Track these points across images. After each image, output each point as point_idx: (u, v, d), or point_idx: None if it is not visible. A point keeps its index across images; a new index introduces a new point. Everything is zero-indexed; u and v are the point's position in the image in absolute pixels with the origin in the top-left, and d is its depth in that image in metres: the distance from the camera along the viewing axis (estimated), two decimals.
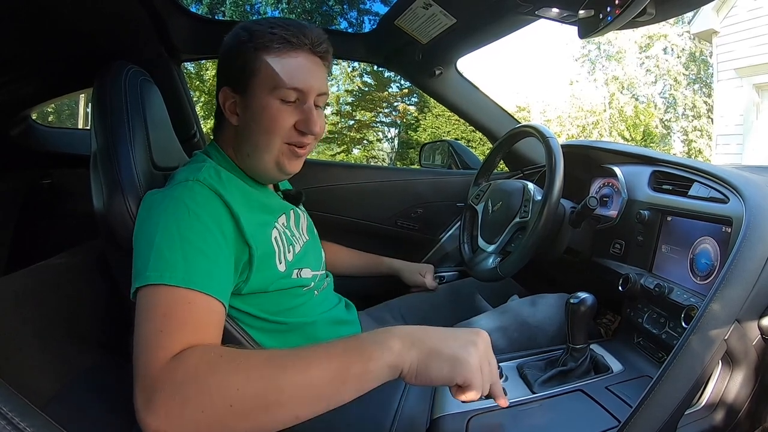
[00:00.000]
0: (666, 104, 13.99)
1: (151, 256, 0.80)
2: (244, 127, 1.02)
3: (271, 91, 0.98)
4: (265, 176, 1.09)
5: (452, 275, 1.98)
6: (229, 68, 1.02)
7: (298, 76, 0.99)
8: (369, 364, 0.72)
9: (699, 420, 0.92)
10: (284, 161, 1.04)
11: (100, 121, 1.02)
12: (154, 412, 0.66)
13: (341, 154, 13.94)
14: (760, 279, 0.90)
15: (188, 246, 0.83)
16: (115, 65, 1.10)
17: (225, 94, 1.03)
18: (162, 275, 0.78)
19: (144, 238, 0.85)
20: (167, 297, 0.77)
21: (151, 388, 0.68)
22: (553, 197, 1.29)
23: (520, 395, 0.99)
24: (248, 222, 0.95)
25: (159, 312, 0.76)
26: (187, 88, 1.97)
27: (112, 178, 0.96)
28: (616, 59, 14.20)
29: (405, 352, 0.74)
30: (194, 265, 0.81)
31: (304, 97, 1.01)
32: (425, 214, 2.13)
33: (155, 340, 0.73)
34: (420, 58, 1.88)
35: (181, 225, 0.85)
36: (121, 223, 0.94)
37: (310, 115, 1.01)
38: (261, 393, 0.68)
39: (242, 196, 0.99)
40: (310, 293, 1.14)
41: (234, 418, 0.66)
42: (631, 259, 1.32)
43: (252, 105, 1.00)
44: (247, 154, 1.04)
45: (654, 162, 1.39)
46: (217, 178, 0.96)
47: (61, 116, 8.12)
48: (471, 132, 12.36)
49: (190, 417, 0.66)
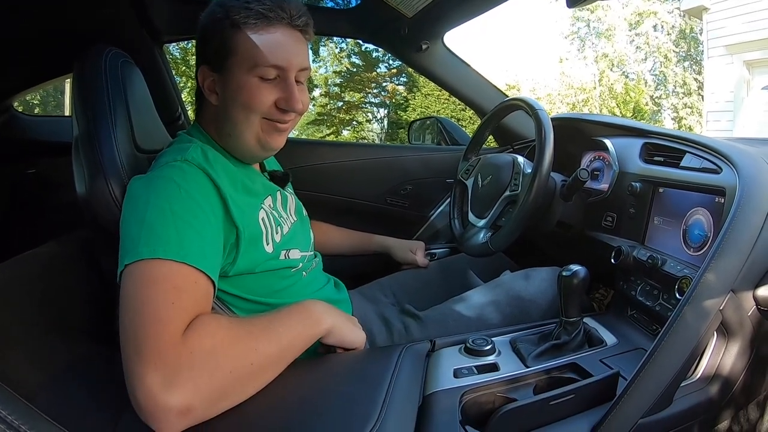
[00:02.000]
0: (656, 81, 13.99)
1: (142, 232, 0.79)
2: (223, 106, 1.00)
3: (249, 69, 0.95)
4: (248, 155, 1.07)
5: (443, 252, 1.97)
6: (206, 47, 0.99)
7: (277, 53, 0.95)
8: (318, 328, 0.92)
9: (695, 392, 0.91)
10: (266, 138, 1.02)
11: (81, 105, 0.99)
12: (179, 389, 0.66)
13: (331, 136, 13.85)
14: (755, 249, 0.89)
15: (180, 222, 0.81)
16: (95, 48, 1.06)
17: (203, 73, 1.00)
18: (155, 249, 0.77)
19: (133, 218, 0.83)
20: (170, 271, 0.76)
21: (172, 365, 0.68)
22: (543, 170, 1.28)
23: (514, 369, 0.97)
24: (235, 203, 0.93)
25: (168, 285, 0.75)
26: (170, 70, 1.94)
27: (93, 162, 0.94)
28: (606, 36, 14.15)
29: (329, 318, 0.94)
30: (187, 240, 0.80)
31: (284, 74, 0.98)
32: (415, 190, 2.11)
33: (166, 313, 0.72)
34: (406, 32, 1.85)
35: (172, 202, 0.83)
36: (104, 206, 0.92)
37: (291, 92, 0.98)
38: (251, 361, 0.77)
39: (228, 176, 0.97)
40: (298, 274, 1.12)
41: (233, 384, 0.74)
42: (623, 232, 1.31)
43: (230, 84, 0.97)
44: (228, 134, 1.02)
45: (645, 134, 1.37)
46: (204, 158, 0.94)
47: (47, 107, 8.01)
48: (461, 111, 12.31)
49: (208, 387, 0.70)
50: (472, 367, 0.98)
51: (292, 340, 0.85)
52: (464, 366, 0.98)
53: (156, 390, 0.66)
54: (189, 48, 11.02)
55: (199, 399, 0.68)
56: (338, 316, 0.97)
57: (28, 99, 6.87)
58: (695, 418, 0.91)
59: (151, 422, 0.66)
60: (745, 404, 1.02)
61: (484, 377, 0.94)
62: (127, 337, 0.71)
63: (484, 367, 0.99)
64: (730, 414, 0.99)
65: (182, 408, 0.66)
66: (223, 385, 0.72)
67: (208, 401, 0.70)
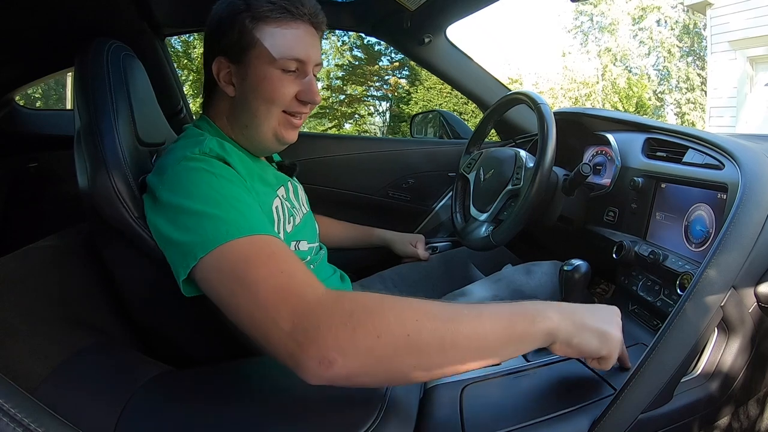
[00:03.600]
0: (659, 76, 13.92)
1: (205, 222, 0.78)
2: (241, 97, 1.00)
3: (272, 61, 0.96)
4: (262, 147, 1.07)
5: (445, 245, 1.97)
6: (224, 38, 0.98)
7: (298, 47, 0.97)
8: (533, 326, 0.75)
9: (695, 388, 0.91)
10: (282, 131, 1.02)
11: (83, 98, 0.98)
12: (318, 342, 0.64)
13: (333, 129, 13.81)
14: (757, 245, 0.89)
15: (234, 201, 0.81)
16: (96, 41, 1.06)
17: (220, 64, 0.99)
18: (229, 231, 0.76)
19: (182, 216, 0.81)
20: (255, 245, 0.76)
21: (308, 322, 0.66)
22: (545, 164, 1.28)
23: (514, 363, 0.98)
24: (254, 190, 0.93)
25: (261, 256, 0.74)
26: (171, 63, 1.94)
27: (95, 155, 0.93)
28: (609, 31, 14.07)
29: (561, 321, 0.77)
30: (249, 215, 0.81)
31: (304, 68, 0.99)
32: (417, 184, 2.11)
33: (283, 280, 0.71)
34: (409, 25, 1.84)
35: (216, 187, 0.83)
36: (106, 199, 0.91)
37: (311, 85, 1.00)
38: (439, 331, 0.68)
39: (245, 167, 0.96)
40: (307, 267, 1.11)
41: (409, 349, 0.66)
42: (624, 227, 1.31)
43: (251, 75, 0.97)
44: (245, 125, 1.02)
45: (647, 129, 1.37)
46: (222, 149, 0.93)
47: (48, 101, 8.01)
48: (463, 104, 12.29)
49: (363, 343, 0.65)
50: None
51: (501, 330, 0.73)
52: None
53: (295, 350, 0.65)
54: (191, 41, 11.00)
55: (345, 352, 0.64)
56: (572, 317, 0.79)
57: (30, 92, 6.86)
58: (695, 413, 0.91)
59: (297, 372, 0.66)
60: (745, 401, 1.01)
61: (484, 370, 0.94)
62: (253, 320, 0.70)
63: None
64: (730, 410, 0.98)
65: (326, 356, 0.64)
66: (394, 344, 0.66)
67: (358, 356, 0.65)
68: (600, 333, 0.80)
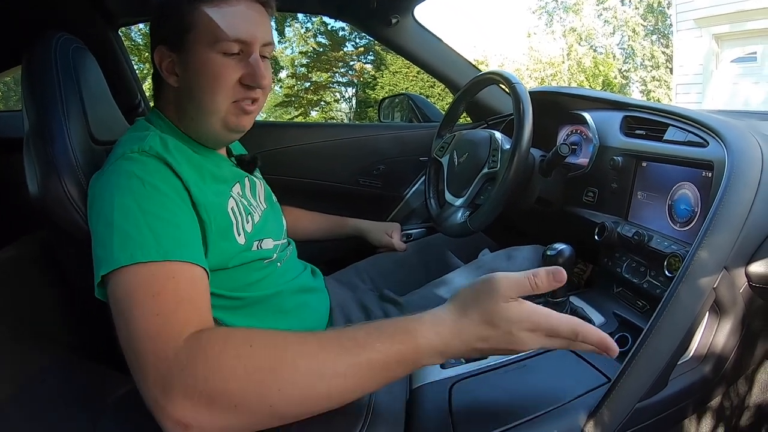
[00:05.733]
0: (624, 55, 14.14)
1: (114, 238, 0.73)
2: (185, 87, 0.93)
3: (211, 44, 0.89)
4: (213, 139, 1.00)
5: (419, 232, 1.95)
6: (163, 24, 0.93)
7: (240, 26, 0.90)
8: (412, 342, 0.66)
9: (689, 371, 0.89)
10: (232, 120, 0.95)
11: (31, 97, 0.92)
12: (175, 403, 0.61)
13: (299, 117, 13.70)
14: (747, 224, 0.87)
15: (152, 218, 0.76)
16: (44, 35, 0.99)
17: (161, 54, 0.93)
18: (133, 254, 0.71)
19: (101, 222, 0.77)
20: (148, 275, 0.71)
21: (166, 375, 0.63)
22: (522, 145, 1.24)
23: (503, 355, 0.94)
24: (201, 193, 0.87)
25: (147, 293, 0.69)
26: (127, 54, 1.86)
27: (45, 159, 0.87)
28: (574, 11, 14.22)
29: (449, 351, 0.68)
30: (164, 236, 0.75)
31: (248, 49, 0.92)
32: (387, 170, 2.06)
33: (155, 325, 0.66)
34: (375, 5, 1.78)
35: (139, 198, 0.77)
36: (59, 206, 0.86)
37: (256, 67, 0.92)
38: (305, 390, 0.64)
39: (192, 165, 0.90)
40: (273, 265, 1.05)
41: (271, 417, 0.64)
42: (605, 207, 1.28)
43: (191, 62, 0.91)
44: (191, 117, 0.95)
45: (625, 107, 1.34)
46: (164, 147, 0.87)
47: (9, 102, 7.72)
48: (429, 87, 12.28)
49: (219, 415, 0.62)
50: None
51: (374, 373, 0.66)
52: None
53: (161, 404, 0.62)
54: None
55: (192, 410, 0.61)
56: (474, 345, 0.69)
57: None
58: (690, 397, 0.90)
59: None
60: (735, 379, 1.01)
61: (472, 366, 0.91)
62: (126, 351, 0.68)
63: None
64: (721, 390, 0.98)
65: (180, 420, 0.61)
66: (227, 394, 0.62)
67: (206, 411, 0.62)
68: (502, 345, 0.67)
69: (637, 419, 0.81)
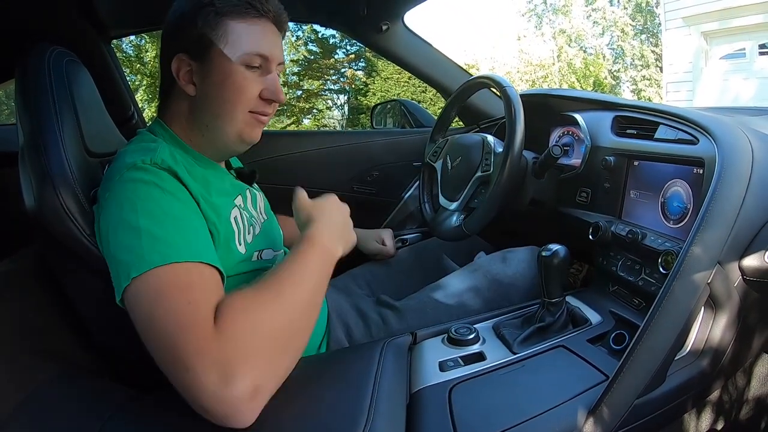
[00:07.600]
0: (614, 55, 14.16)
1: (143, 241, 0.74)
2: (203, 96, 0.94)
3: (236, 57, 0.91)
4: (224, 150, 1.02)
5: (415, 237, 1.94)
6: (185, 34, 0.92)
7: (263, 43, 0.93)
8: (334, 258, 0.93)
9: (686, 367, 0.90)
10: (247, 131, 0.97)
11: (25, 110, 0.92)
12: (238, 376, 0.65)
13: (292, 126, 13.67)
14: (739, 219, 0.88)
15: (178, 222, 0.78)
16: (36, 48, 0.98)
17: (180, 62, 0.93)
18: (167, 255, 0.73)
19: (123, 228, 0.77)
20: (182, 273, 0.73)
21: (221, 358, 0.66)
22: (515, 148, 1.25)
23: (501, 357, 0.95)
24: (208, 205, 0.88)
25: (177, 288, 0.72)
26: (120, 66, 1.85)
27: (40, 171, 0.86)
28: (563, 13, 14.25)
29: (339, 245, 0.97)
30: (192, 238, 0.78)
31: (267, 65, 0.95)
32: (382, 176, 2.06)
33: (187, 314, 0.69)
34: (365, 12, 1.79)
35: (162, 204, 0.79)
36: (56, 218, 0.85)
37: (275, 82, 0.96)
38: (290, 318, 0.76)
39: (198, 179, 0.91)
40: None
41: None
42: (599, 207, 1.29)
43: (213, 72, 0.92)
44: (206, 126, 0.96)
45: (615, 107, 1.35)
46: (173, 161, 0.87)
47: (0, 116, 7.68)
48: (421, 93, 12.28)
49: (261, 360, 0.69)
50: (458, 358, 0.95)
51: (318, 280, 0.85)
52: (449, 358, 0.95)
53: (218, 390, 0.64)
54: (143, 45, 10.72)
55: (259, 375, 0.67)
56: (340, 235, 1.00)
57: None
58: (688, 392, 0.90)
59: (231, 420, 0.65)
60: (733, 373, 1.02)
61: (471, 368, 0.91)
62: (163, 355, 0.69)
63: (470, 357, 0.96)
64: (720, 384, 0.98)
65: (250, 392, 0.65)
66: (272, 351, 0.71)
67: (268, 373, 0.70)
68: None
69: (637, 415, 0.81)
